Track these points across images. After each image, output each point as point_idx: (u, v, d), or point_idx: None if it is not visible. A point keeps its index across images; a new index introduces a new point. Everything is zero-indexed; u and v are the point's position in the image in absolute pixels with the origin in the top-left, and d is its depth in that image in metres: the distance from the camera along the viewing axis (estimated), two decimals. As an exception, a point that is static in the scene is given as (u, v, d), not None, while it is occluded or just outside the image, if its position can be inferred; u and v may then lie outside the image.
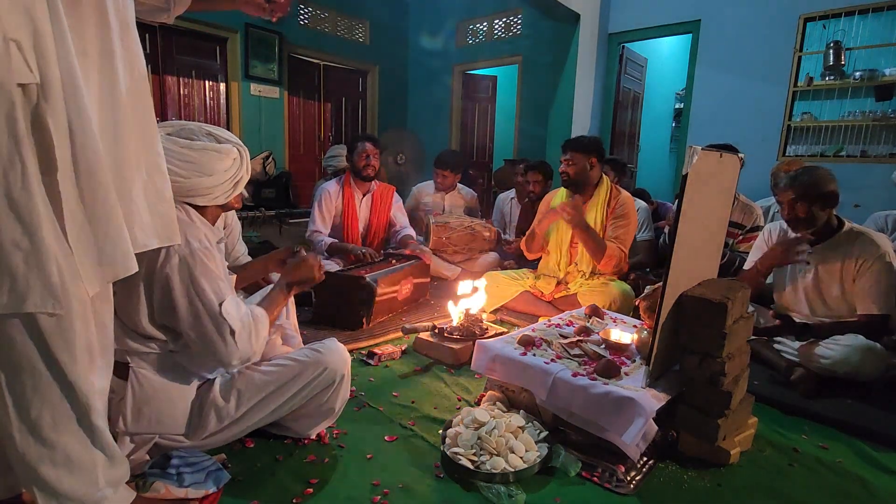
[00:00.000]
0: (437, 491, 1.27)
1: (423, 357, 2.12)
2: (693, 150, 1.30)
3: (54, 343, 0.84)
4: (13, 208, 0.76)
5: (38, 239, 0.78)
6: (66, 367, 0.86)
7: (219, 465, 1.22)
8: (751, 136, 4.24)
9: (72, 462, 0.89)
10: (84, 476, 0.90)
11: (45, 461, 0.87)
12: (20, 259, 0.77)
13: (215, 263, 1.21)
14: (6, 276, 0.77)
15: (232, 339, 1.18)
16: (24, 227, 0.77)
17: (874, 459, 1.49)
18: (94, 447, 0.92)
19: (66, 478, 0.89)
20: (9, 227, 0.76)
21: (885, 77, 3.76)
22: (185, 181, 1.21)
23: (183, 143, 1.20)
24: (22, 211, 0.76)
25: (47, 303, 0.80)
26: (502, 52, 6.22)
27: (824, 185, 1.92)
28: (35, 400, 0.85)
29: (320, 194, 3.10)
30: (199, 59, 5.39)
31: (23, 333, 0.82)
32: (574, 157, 2.56)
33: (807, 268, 2.06)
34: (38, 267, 0.78)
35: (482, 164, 7.06)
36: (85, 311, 0.87)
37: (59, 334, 0.84)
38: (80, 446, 0.90)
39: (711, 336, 1.37)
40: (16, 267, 0.77)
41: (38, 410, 0.85)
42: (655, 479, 1.35)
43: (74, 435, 0.89)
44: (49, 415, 0.86)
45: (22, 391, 0.84)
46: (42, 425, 0.86)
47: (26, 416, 0.85)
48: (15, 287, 0.77)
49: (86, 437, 0.91)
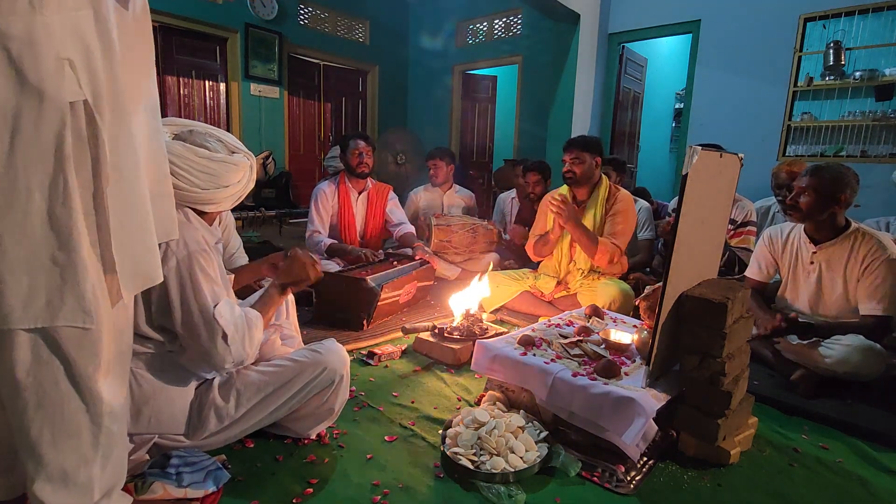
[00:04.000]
0: (437, 491, 1.27)
1: (423, 357, 2.11)
2: (693, 150, 1.30)
3: (81, 355, 0.84)
4: (53, 225, 0.77)
5: (75, 255, 0.79)
6: (89, 378, 0.86)
7: (218, 465, 1.22)
8: (751, 136, 4.24)
9: (67, 477, 0.88)
10: (79, 489, 0.89)
11: (41, 477, 0.86)
12: (56, 274, 0.78)
13: (212, 266, 1.21)
14: (42, 290, 0.78)
15: (224, 343, 1.19)
16: (63, 243, 0.78)
17: (874, 459, 1.49)
18: (94, 459, 0.90)
19: (60, 491, 0.88)
20: (49, 242, 0.77)
21: (885, 77, 3.76)
22: (203, 192, 1.22)
23: (202, 154, 1.21)
24: (62, 227, 0.78)
25: (79, 317, 0.81)
26: (502, 52, 6.22)
27: (841, 187, 1.91)
28: (37, 418, 0.84)
29: (316, 194, 3.10)
30: (199, 59, 5.40)
31: (49, 346, 0.82)
32: (581, 156, 2.58)
33: (811, 267, 2.06)
34: (73, 282, 0.79)
35: (482, 164, 7.06)
36: (111, 322, 0.88)
37: (88, 347, 0.84)
38: (78, 462, 0.88)
39: (711, 336, 1.37)
40: (52, 282, 0.78)
41: (38, 429, 0.84)
42: (655, 479, 1.35)
43: (74, 451, 0.88)
44: (49, 432, 0.85)
45: (24, 409, 0.83)
46: (41, 443, 0.85)
47: (25, 435, 0.84)
48: (50, 301, 0.79)
49: (87, 451, 0.89)
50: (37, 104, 0.73)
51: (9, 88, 0.71)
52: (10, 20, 0.69)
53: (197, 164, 1.20)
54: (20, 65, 0.71)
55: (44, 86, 0.73)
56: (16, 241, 0.75)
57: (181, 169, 1.18)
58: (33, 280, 0.77)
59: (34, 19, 0.71)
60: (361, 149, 3.03)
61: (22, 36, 0.70)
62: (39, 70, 0.72)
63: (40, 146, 0.75)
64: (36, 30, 0.71)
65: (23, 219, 0.75)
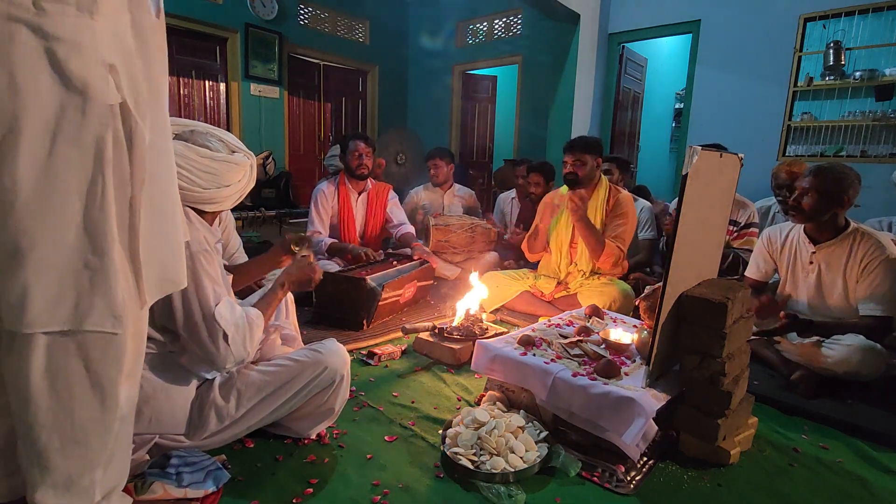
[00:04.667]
0: (437, 491, 1.27)
1: (423, 357, 2.11)
2: (693, 150, 1.30)
3: (105, 360, 0.83)
4: (89, 228, 0.77)
5: (108, 260, 0.79)
6: (111, 383, 0.85)
7: (218, 465, 1.22)
8: (751, 136, 4.24)
9: (72, 482, 0.87)
10: (80, 493, 0.89)
11: (46, 483, 0.85)
12: (87, 278, 0.78)
13: (213, 266, 1.22)
14: (72, 293, 0.77)
15: (225, 344, 1.19)
16: (97, 248, 0.78)
17: (874, 459, 1.49)
18: (99, 464, 0.89)
19: (63, 497, 0.87)
20: (82, 246, 0.77)
21: (885, 77, 3.76)
22: (205, 192, 1.23)
23: (204, 153, 1.21)
24: (97, 231, 0.77)
25: (108, 322, 0.80)
26: (502, 52, 6.22)
27: (844, 188, 1.91)
28: (48, 423, 0.82)
29: (316, 195, 3.10)
30: (199, 59, 5.39)
31: (68, 351, 0.81)
32: (583, 157, 2.58)
33: (810, 266, 2.06)
34: (104, 287, 0.79)
35: (482, 164, 7.06)
36: (134, 326, 0.88)
37: (112, 352, 0.84)
38: (84, 467, 0.87)
39: (711, 336, 1.37)
40: (82, 285, 0.78)
41: (48, 435, 0.83)
42: (655, 479, 1.35)
43: (81, 458, 0.87)
44: (58, 438, 0.83)
45: (35, 413, 0.82)
46: (49, 449, 0.83)
47: (34, 441, 0.83)
48: (78, 305, 0.78)
49: (94, 456, 0.88)
50: (80, 106, 0.73)
51: (53, 90, 0.71)
52: (59, 23, 0.70)
53: (199, 163, 1.20)
54: (66, 67, 0.71)
55: (88, 89, 0.73)
56: (50, 244, 0.75)
57: (183, 169, 1.18)
58: (62, 283, 0.76)
59: (82, 23, 0.72)
60: (361, 150, 3.04)
61: (69, 38, 0.71)
62: (85, 73, 0.73)
63: (81, 149, 0.75)
64: (83, 33, 0.72)
65: (59, 222, 0.75)
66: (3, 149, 0.70)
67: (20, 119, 0.70)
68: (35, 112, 0.71)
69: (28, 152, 0.71)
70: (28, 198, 0.72)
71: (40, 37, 0.69)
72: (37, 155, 0.72)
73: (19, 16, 0.68)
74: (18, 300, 0.74)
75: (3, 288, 0.74)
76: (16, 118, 0.70)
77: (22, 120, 0.70)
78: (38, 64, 0.70)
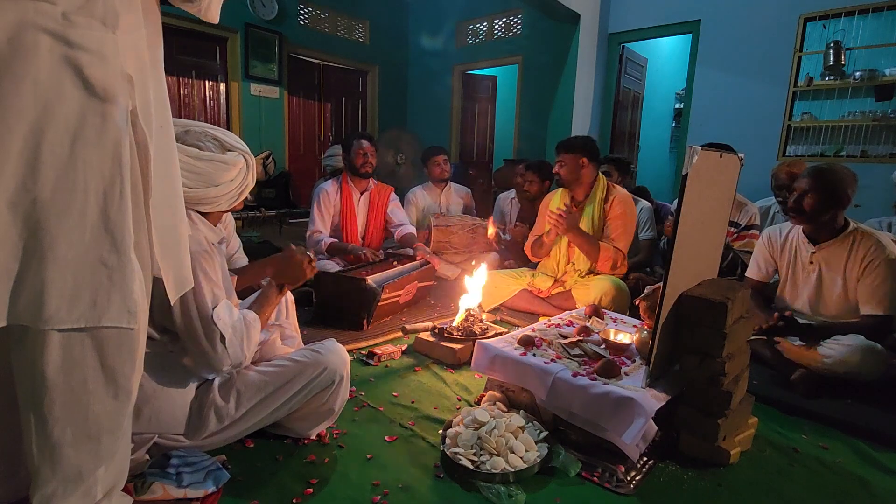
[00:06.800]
0: (437, 491, 1.27)
1: (423, 357, 2.11)
2: (693, 150, 1.30)
3: (120, 355, 0.86)
4: (107, 227, 0.80)
5: (125, 258, 0.81)
6: (125, 378, 0.88)
7: (218, 465, 1.22)
8: (751, 136, 4.24)
9: (81, 477, 0.88)
10: (83, 489, 0.90)
11: (55, 479, 0.86)
12: (105, 275, 0.80)
13: (213, 267, 1.21)
14: (89, 290, 0.79)
15: (222, 346, 1.19)
16: (115, 246, 0.80)
17: (874, 459, 1.49)
18: (104, 457, 0.91)
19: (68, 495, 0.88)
20: (100, 244, 0.79)
21: (885, 77, 3.76)
22: (192, 192, 1.22)
23: (191, 153, 1.20)
24: (116, 230, 0.80)
25: (124, 318, 0.82)
26: (502, 52, 6.22)
27: (843, 188, 1.91)
28: (62, 418, 0.84)
29: (318, 194, 3.10)
30: (199, 59, 5.40)
31: (84, 346, 0.83)
32: (564, 157, 2.60)
33: (810, 266, 2.06)
34: (122, 284, 0.81)
35: (482, 164, 7.06)
36: (144, 322, 0.91)
37: (127, 347, 0.87)
38: (93, 462, 0.89)
39: (711, 336, 1.37)
40: (99, 283, 0.80)
41: (61, 429, 0.84)
42: (655, 479, 1.35)
43: (92, 453, 0.88)
44: (71, 432, 0.85)
45: (49, 408, 0.83)
46: (62, 443, 0.85)
47: (47, 436, 0.84)
48: (95, 302, 0.80)
49: (104, 451, 0.90)
50: (101, 113, 0.77)
51: (75, 97, 0.75)
52: (85, 35, 0.75)
53: (185, 163, 1.18)
54: (89, 76, 0.75)
55: (109, 97, 0.78)
56: (69, 242, 0.77)
57: None
58: (79, 281, 0.78)
59: (106, 36, 0.77)
60: (366, 149, 3.06)
61: (95, 49, 0.76)
62: (106, 81, 0.77)
63: (101, 152, 0.78)
64: (107, 46, 0.77)
65: (79, 220, 0.77)
66: (26, 149, 0.73)
67: (42, 121, 0.73)
68: (57, 115, 0.74)
69: (50, 153, 0.74)
70: (48, 197, 0.75)
71: (65, 45, 0.73)
72: (58, 156, 0.75)
73: (46, 25, 0.71)
74: (37, 297, 0.76)
75: (21, 284, 0.76)
76: (38, 120, 0.73)
77: (44, 122, 0.73)
78: (62, 70, 0.74)
